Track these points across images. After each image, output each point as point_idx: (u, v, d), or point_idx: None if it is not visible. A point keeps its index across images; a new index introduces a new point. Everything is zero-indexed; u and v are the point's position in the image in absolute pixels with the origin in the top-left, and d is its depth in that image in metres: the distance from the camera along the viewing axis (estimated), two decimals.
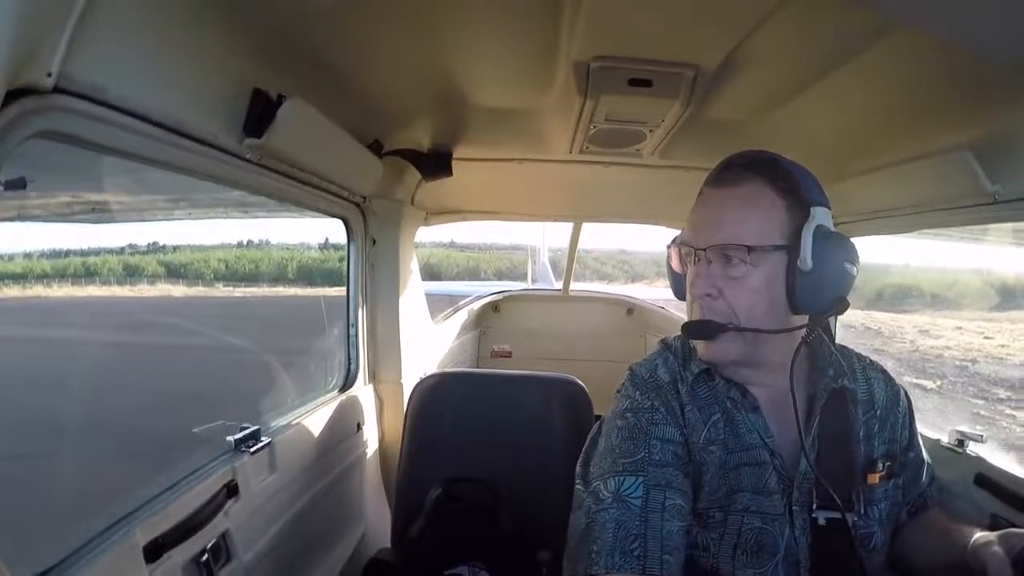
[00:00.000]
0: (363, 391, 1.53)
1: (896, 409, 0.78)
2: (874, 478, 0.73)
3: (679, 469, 0.69)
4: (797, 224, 0.67)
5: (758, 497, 0.69)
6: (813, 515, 0.69)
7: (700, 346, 0.72)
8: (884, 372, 0.81)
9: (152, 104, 0.65)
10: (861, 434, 0.74)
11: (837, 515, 0.69)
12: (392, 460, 1.51)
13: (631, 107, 1.08)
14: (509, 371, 1.42)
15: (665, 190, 1.75)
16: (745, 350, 0.70)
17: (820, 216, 0.68)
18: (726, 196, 0.70)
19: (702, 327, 0.70)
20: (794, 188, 0.69)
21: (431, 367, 1.96)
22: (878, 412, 0.76)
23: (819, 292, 0.67)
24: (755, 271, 0.67)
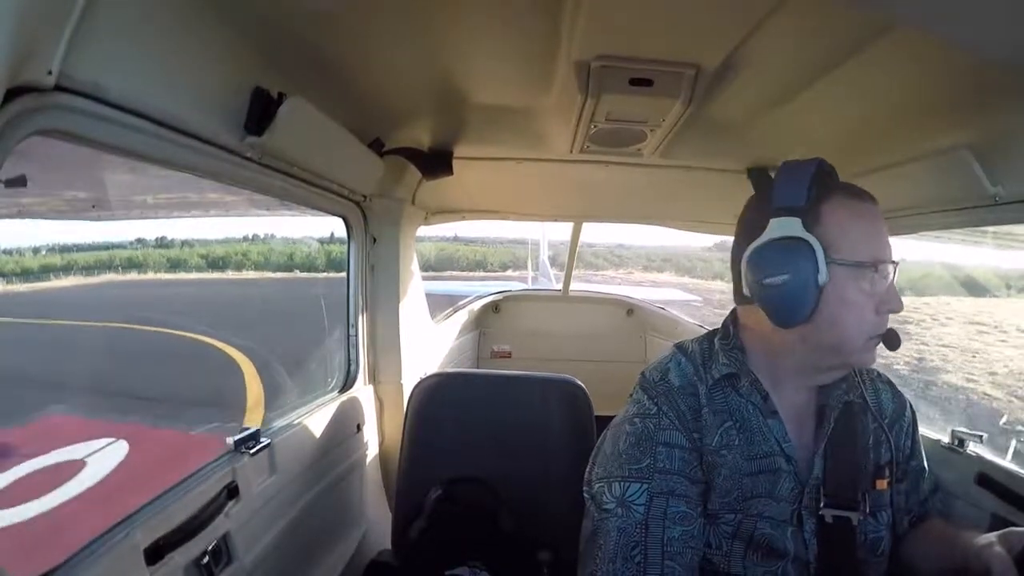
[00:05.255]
0: (363, 392, 1.52)
1: (902, 419, 0.82)
2: (882, 484, 0.75)
3: (685, 475, 0.70)
4: None
5: (772, 502, 0.71)
6: (820, 513, 0.71)
7: (867, 353, 0.70)
8: (891, 384, 0.84)
9: (152, 102, 0.65)
10: (870, 442, 0.77)
11: (844, 513, 0.71)
12: (392, 461, 1.51)
13: (632, 107, 1.08)
14: (509, 371, 1.42)
15: (665, 190, 1.74)
16: None
17: None
18: (879, 212, 0.70)
19: (899, 338, 0.69)
20: None
21: (431, 367, 1.95)
22: (885, 422, 0.79)
23: None
24: None
